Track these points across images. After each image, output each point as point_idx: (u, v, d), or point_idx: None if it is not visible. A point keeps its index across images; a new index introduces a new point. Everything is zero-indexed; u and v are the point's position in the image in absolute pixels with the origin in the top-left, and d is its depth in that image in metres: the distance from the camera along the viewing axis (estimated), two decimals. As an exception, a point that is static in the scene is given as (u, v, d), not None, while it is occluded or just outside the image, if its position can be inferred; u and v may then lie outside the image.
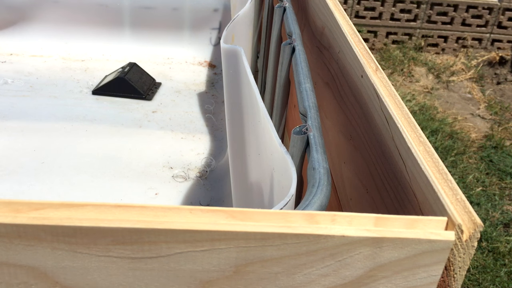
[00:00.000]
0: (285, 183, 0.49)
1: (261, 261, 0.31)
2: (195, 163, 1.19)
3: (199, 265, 0.31)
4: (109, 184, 1.10)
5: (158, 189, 1.10)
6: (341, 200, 0.64)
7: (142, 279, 0.32)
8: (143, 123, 1.31)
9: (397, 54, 3.15)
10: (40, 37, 1.61)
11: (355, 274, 0.32)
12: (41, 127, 1.25)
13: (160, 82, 1.49)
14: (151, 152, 1.21)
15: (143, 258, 0.31)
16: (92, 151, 1.18)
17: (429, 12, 3.16)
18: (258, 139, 0.65)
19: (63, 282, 0.32)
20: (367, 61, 0.50)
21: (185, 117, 1.36)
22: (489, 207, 2.09)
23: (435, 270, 0.32)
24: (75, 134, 1.23)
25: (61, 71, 1.50)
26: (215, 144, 1.27)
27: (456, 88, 2.98)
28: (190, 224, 0.30)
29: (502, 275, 1.77)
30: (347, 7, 3.12)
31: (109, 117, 1.31)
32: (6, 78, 1.44)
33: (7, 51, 1.58)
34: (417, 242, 0.31)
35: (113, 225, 0.30)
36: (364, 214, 0.32)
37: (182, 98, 1.44)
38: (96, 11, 1.58)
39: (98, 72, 1.51)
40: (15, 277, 0.31)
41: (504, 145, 2.49)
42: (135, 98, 1.40)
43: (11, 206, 0.30)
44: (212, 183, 1.15)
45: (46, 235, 0.30)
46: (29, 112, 1.30)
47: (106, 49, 1.61)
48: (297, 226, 0.31)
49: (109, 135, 1.25)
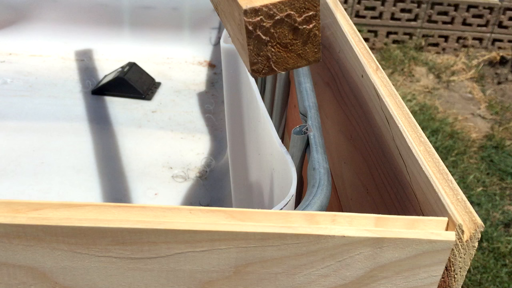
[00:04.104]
0: (285, 183, 0.49)
1: (261, 261, 0.31)
2: (195, 163, 1.19)
3: (198, 265, 0.31)
4: (108, 184, 1.10)
5: (158, 189, 1.10)
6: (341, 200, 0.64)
7: (141, 280, 0.32)
8: (143, 123, 1.31)
9: (397, 53, 3.15)
10: (40, 37, 1.61)
11: (356, 275, 0.32)
12: (40, 127, 1.24)
13: (159, 82, 1.49)
14: (150, 152, 1.21)
15: (143, 258, 0.31)
16: (91, 151, 1.18)
17: (430, 12, 3.16)
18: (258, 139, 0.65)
19: (62, 282, 0.31)
20: (368, 60, 0.50)
21: (185, 117, 1.36)
22: (489, 207, 2.09)
23: (435, 271, 0.32)
24: (74, 134, 1.23)
25: (61, 71, 1.50)
26: (215, 144, 1.27)
27: (457, 88, 2.98)
28: (190, 225, 0.30)
29: (503, 275, 1.77)
30: (347, 6, 3.12)
31: (108, 117, 1.31)
32: (5, 78, 1.44)
33: (6, 50, 1.58)
34: (417, 243, 0.31)
35: (113, 225, 0.30)
36: (364, 214, 0.32)
37: (182, 98, 1.44)
38: (95, 11, 1.58)
39: (97, 72, 1.50)
40: (15, 277, 0.31)
41: (505, 145, 2.49)
42: (134, 98, 1.40)
43: (10, 206, 0.30)
44: (212, 183, 1.14)
45: (45, 235, 0.30)
46: (29, 112, 1.30)
47: (105, 49, 1.61)
48: (297, 226, 0.31)
49: (108, 135, 1.25)
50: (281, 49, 0.30)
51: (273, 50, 0.30)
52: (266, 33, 0.29)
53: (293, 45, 0.30)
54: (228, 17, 0.33)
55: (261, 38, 0.29)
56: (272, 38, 0.29)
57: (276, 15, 0.28)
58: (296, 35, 0.29)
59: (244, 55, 0.30)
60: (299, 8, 0.28)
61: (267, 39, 0.29)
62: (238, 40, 0.31)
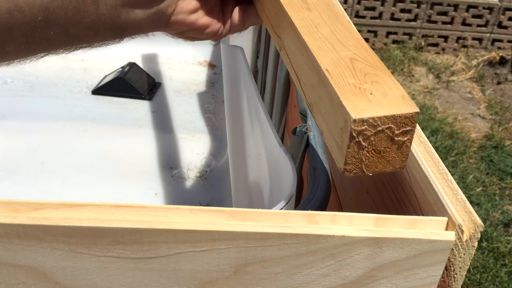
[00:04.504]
0: (285, 183, 0.49)
1: (261, 261, 0.31)
2: (195, 163, 1.19)
3: (199, 265, 0.31)
4: (108, 184, 1.10)
5: (158, 189, 1.10)
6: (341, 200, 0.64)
7: (141, 279, 0.32)
8: (143, 123, 1.31)
9: (397, 54, 3.15)
10: (40, 37, 1.61)
11: (355, 274, 0.32)
12: (40, 127, 1.24)
13: (160, 82, 1.49)
14: (151, 152, 1.21)
15: (143, 258, 0.31)
16: (91, 151, 1.18)
17: (429, 12, 3.16)
18: (258, 139, 0.65)
19: (62, 282, 0.32)
20: (367, 61, 0.50)
21: (185, 117, 1.36)
22: (489, 207, 2.09)
23: (435, 270, 0.32)
24: (74, 134, 1.23)
25: (61, 71, 1.50)
26: (215, 144, 1.27)
27: (456, 88, 2.98)
28: (190, 224, 0.30)
29: (502, 275, 1.77)
30: (347, 6, 3.12)
31: (108, 117, 1.31)
32: (5, 78, 1.44)
33: (7, 51, 1.57)
34: (417, 242, 0.31)
35: (113, 225, 0.30)
36: (364, 214, 0.32)
37: (182, 98, 1.44)
38: (96, 11, 1.58)
39: (97, 72, 1.50)
40: (15, 277, 0.31)
41: (504, 145, 2.49)
42: (134, 98, 1.40)
43: (10, 206, 0.30)
44: (212, 183, 1.14)
45: (45, 235, 0.30)
46: (29, 112, 1.30)
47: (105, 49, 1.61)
48: (297, 226, 0.31)
49: (109, 135, 1.25)
50: (374, 155, 0.33)
51: (367, 155, 0.33)
52: (366, 140, 0.32)
53: (386, 153, 0.33)
54: (327, 117, 0.35)
55: (360, 144, 0.32)
56: (370, 144, 0.32)
57: (379, 126, 0.31)
58: (390, 144, 0.33)
59: (339, 154, 0.33)
60: (400, 123, 0.32)
61: (365, 145, 0.32)
62: (334, 140, 0.34)
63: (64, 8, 0.40)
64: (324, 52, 0.37)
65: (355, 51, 0.37)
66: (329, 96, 0.34)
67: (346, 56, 0.36)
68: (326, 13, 0.42)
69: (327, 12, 0.42)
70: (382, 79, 0.34)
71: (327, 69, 0.35)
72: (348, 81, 0.34)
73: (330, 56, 0.36)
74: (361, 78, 0.34)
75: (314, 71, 0.37)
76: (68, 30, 0.42)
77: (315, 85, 0.37)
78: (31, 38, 0.40)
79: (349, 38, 0.39)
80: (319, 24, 0.40)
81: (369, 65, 0.35)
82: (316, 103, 0.37)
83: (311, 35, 0.39)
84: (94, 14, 0.43)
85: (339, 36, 0.39)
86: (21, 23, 0.39)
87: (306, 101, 0.40)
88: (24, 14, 0.38)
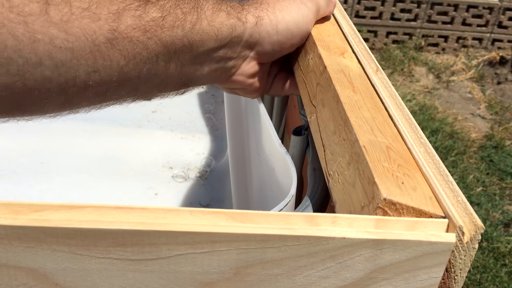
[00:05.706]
0: (285, 183, 0.49)
1: (262, 263, 0.31)
2: (195, 163, 1.19)
3: (199, 267, 0.31)
4: (108, 184, 1.10)
5: (158, 189, 1.10)
6: (341, 200, 0.64)
7: (142, 281, 0.32)
8: (143, 123, 1.31)
9: (397, 53, 3.15)
10: (40, 37, 1.61)
11: (356, 276, 0.32)
12: (40, 127, 1.24)
13: (160, 82, 1.49)
14: (150, 152, 1.21)
15: (143, 260, 0.31)
16: (91, 151, 1.18)
17: (430, 12, 3.16)
18: (258, 139, 0.65)
19: (63, 283, 0.31)
20: (368, 61, 0.50)
21: (185, 117, 1.36)
22: (489, 207, 2.09)
23: (436, 272, 0.32)
24: (74, 134, 1.23)
25: (61, 71, 1.50)
26: (215, 144, 1.27)
27: (457, 88, 2.98)
28: (190, 226, 0.30)
29: (502, 275, 1.77)
30: (347, 6, 3.12)
31: (108, 117, 1.31)
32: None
33: (7, 50, 1.57)
34: (418, 244, 0.31)
35: (113, 227, 0.30)
36: (364, 216, 0.32)
37: (182, 98, 1.44)
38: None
39: (98, 72, 1.50)
40: (15, 279, 0.31)
41: (505, 145, 2.49)
42: (135, 98, 1.39)
43: (10, 207, 0.30)
44: (212, 183, 1.14)
45: (46, 237, 0.30)
46: (29, 112, 1.30)
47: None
48: (298, 228, 0.31)
49: (108, 135, 1.25)
50: None
51: None
52: None
53: None
54: (348, 191, 0.37)
55: None
56: None
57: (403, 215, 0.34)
58: None
59: None
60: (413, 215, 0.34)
61: None
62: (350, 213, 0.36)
63: (138, 70, 0.42)
64: (363, 131, 0.38)
65: (392, 142, 0.38)
66: (358, 171, 0.35)
67: (383, 143, 0.37)
68: (369, 101, 0.43)
69: (369, 100, 0.43)
70: (414, 175, 0.35)
71: (364, 146, 0.36)
72: (383, 164, 0.35)
73: (368, 137, 0.38)
74: (395, 167, 0.35)
75: (348, 144, 0.38)
76: (138, 89, 0.45)
77: (344, 158, 0.38)
78: (103, 96, 0.43)
79: (387, 129, 0.40)
80: (362, 107, 0.41)
81: (403, 158, 0.36)
82: (342, 173, 0.38)
83: (353, 112, 0.40)
84: (164, 74, 0.44)
85: (378, 124, 0.40)
86: (97, 84, 0.40)
87: (326, 169, 0.41)
88: (101, 76, 0.40)
